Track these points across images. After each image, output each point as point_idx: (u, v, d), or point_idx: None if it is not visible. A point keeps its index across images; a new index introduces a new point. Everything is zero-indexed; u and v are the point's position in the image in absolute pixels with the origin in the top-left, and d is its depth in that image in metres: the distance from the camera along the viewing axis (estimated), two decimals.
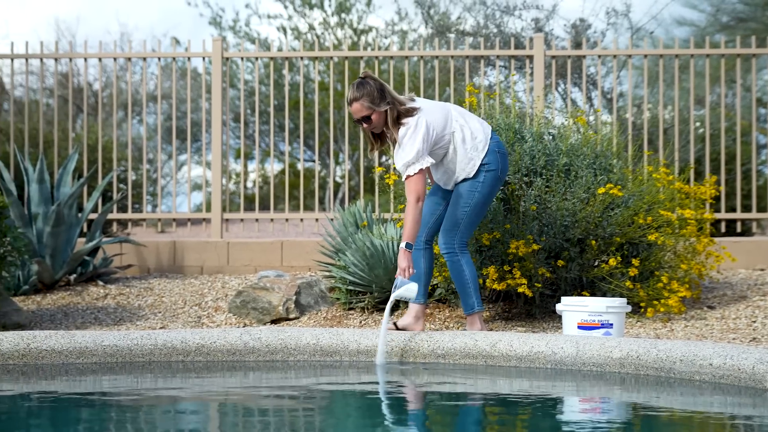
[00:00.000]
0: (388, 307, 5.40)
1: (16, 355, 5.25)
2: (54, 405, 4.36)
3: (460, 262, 5.77)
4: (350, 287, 7.13)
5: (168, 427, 3.81)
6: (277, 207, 13.75)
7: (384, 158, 13.68)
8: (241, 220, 9.49)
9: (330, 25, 25.15)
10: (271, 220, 9.53)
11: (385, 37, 24.00)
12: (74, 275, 8.03)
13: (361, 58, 9.63)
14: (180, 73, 15.45)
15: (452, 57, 9.59)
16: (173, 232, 11.76)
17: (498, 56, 9.69)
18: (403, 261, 5.47)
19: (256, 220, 9.52)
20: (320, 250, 7.87)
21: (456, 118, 5.74)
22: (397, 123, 5.58)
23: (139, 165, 13.21)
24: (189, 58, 9.63)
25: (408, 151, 5.51)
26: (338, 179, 21.81)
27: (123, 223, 10.84)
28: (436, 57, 9.67)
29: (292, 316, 6.98)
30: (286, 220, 9.49)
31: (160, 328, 6.76)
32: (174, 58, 9.69)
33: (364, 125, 5.69)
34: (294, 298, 7.03)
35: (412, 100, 5.71)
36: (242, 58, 9.66)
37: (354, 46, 22.80)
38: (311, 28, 25.15)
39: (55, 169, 9.07)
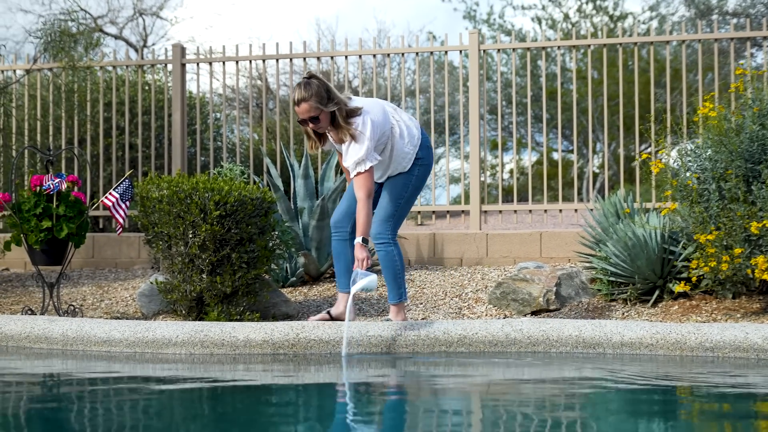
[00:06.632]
0: (350, 299, 5.48)
1: (286, 344, 5.45)
2: (324, 393, 4.50)
3: (393, 252, 5.87)
4: (611, 278, 7.00)
5: (431, 411, 3.86)
6: (534, 198, 13.69)
7: (643, 146, 13.33)
8: (500, 211, 9.49)
9: (585, 13, 24.79)
10: (530, 211, 9.49)
11: (643, 23, 23.44)
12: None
13: (619, 44, 9.43)
14: (436, 67, 15.61)
15: (716, 40, 9.24)
16: (432, 225, 11.90)
17: (765, 37, 9.26)
18: (360, 253, 5.54)
19: (515, 211, 9.49)
20: (580, 241, 7.76)
21: (391, 113, 5.89)
22: (345, 122, 5.66)
23: None
24: (446, 52, 9.71)
25: (358, 150, 5.63)
26: (595, 169, 21.48)
27: None
28: (698, 40, 9.34)
29: (552, 307, 6.92)
30: (545, 211, 9.42)
31: (422, 319, 6.85)
32: (431, 53, 9.80)
33: (311, 125, 5.75)
34: (554, 289, 6.97)
35: (350, 98, 5.80)
36: (498, 50, 9.65)
37: (611, 32, 22.38)
38: (566, 17, 24.87)
39: (318, 165, 9.37)
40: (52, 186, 6.68)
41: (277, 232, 7.21)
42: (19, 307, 7.40)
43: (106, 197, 6.70)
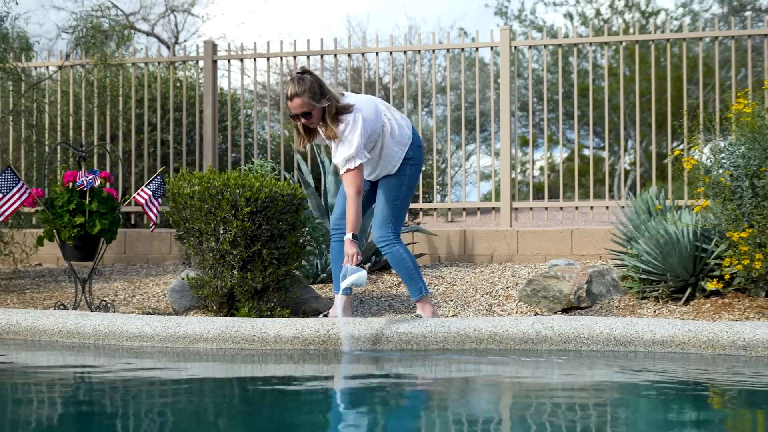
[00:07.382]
0: (340, 294, 5.53)
1: (317, 340, 5.45)
2: (354, 389, 4.49)
3: (400, 251, 5.93)
4: (643, 276, 6.97)
5: (460, 412, 3.86)
6: (565, 195, 13.64)
7: (675, 143, 13.26)
8: (530, 208, 9.46)
9: (617, 9, 24.67)
10: (561, 208, 9.45)
11: (676, 19, 23.30)
12: (368, 264, 8.26)
13: (652, 41, 9.38)
14: (467, 63, 15.58)
15: (749, 36, 9.16)
16: (462, 222, 11.88)
17: None
18: (350, 248, 5.56)
19: (546, 208, 9.46)
20: (611, 239, 7.73)
21: (384, 111, 5.90)
22: (336, 119, 5.67)
23: (429, 156, 13.44)
24: (477, 49, 9.68)
25: (348, 147, 5.65)
26: (627, 166, 21.38)
27: (414, 213, 11.05)
28: (732, 37, 9.27)
29: (583, 305, 6.90)
30: (576, 208, 9.38)
31: (452, 316, 6.84)
32: (462, 49, 9.77)
33: (303, 120, 5.75)
34: (585, 286, 6.94)
35: (342, 94, 5.79)
36: (529, 47, 9.62)
37: (643, 29, 22.26)
38: (598, 13, 24.77)
39: None
40: (85, 182, 6.72)
41: (307, 229, 7.22)
42: (52, 302, 7.45)
43: (138, 194, 6.73)
